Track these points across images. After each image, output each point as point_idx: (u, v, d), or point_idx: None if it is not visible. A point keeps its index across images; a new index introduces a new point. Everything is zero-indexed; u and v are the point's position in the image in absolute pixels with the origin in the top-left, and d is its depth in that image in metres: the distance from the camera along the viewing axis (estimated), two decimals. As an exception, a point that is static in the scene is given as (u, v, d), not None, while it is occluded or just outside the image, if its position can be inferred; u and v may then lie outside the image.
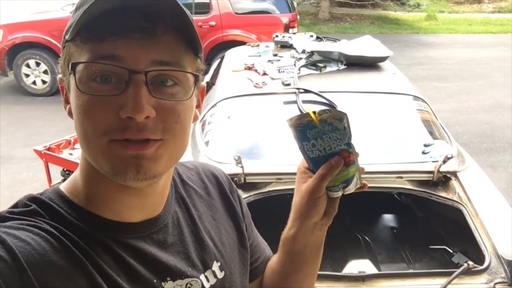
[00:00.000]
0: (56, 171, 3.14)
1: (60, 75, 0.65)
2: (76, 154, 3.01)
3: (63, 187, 0.66)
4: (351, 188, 0.71)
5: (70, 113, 0.63)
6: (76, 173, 0.67)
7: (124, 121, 0.56)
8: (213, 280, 0.72)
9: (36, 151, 3.04)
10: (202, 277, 0.70)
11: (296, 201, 0.75)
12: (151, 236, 0.66)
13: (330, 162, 0.68)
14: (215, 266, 0.73)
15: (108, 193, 0.63)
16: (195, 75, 0.63)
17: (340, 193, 0.71)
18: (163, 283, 0.65)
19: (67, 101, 0.64)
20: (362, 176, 0.72)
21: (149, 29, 0.57)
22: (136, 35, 0.57)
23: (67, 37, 0.59)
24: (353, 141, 0.70)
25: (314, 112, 0.68)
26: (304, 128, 0.68)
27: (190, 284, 0.68)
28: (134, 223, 0.65)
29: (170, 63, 0.59)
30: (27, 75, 6.61)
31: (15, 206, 0.61)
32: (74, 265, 0.56)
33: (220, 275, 0.73)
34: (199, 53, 0.64)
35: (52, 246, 0.55)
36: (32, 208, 0.59)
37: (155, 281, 0.64)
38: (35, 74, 6.61)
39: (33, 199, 0.61)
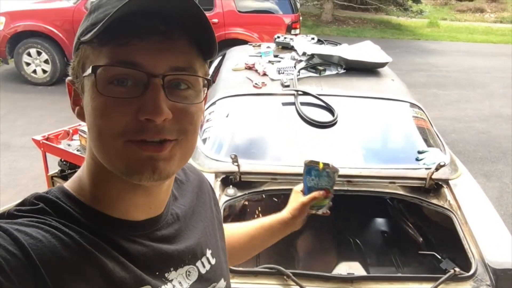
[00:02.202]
0: (53, 161, 3.16)
1: (69, 77, 0.66)
2: (74, 145, 3.02)
3: (67, 186, 0.67)
4: (320, 211, 1.17)
5: (79, 115, 0.65)
6: (81, 173, 0.68)
7: (142, 123, 0.58)
8: (208, 266, 0.77)
9: (34, 140, 3.04)
10: (198, 263, 0.75)
11: (292, 206, 1.15)
12: (155, 232, 0.69)
13: (319, 192, 1.14)
14: (209, 253, 0.78)
15: (117, 193, 0.65)
16: (208, 79, 0.66)
17: (313, 211, 1.16)
18: (166, 274, 0.68)
19: (75, 103, 0.65)
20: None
21: (166, 33, 0.59)
22: (154, 37, 0.58)
23: (83, 38, 0.59)
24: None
25: (322, 163, 1.14)
26: (312, 168, 1.15)
27: (189, 271, 0.72)
28: (140, 221, 0.68)
29: (186, 68, 0.61)
30: (27, 64, 6.62)
31: (22, 204, 0.62)
32: (85, 260, 0.58)
33: (212, 261, 0.78)
34: (209, 58, 0.66)
35: (62, 243, 0.57)
36: (40, 207, 0.61)
37: (157, 273, 0.67)
38: (36, 63, 6.62)
39: (40, 197, 0.62)
